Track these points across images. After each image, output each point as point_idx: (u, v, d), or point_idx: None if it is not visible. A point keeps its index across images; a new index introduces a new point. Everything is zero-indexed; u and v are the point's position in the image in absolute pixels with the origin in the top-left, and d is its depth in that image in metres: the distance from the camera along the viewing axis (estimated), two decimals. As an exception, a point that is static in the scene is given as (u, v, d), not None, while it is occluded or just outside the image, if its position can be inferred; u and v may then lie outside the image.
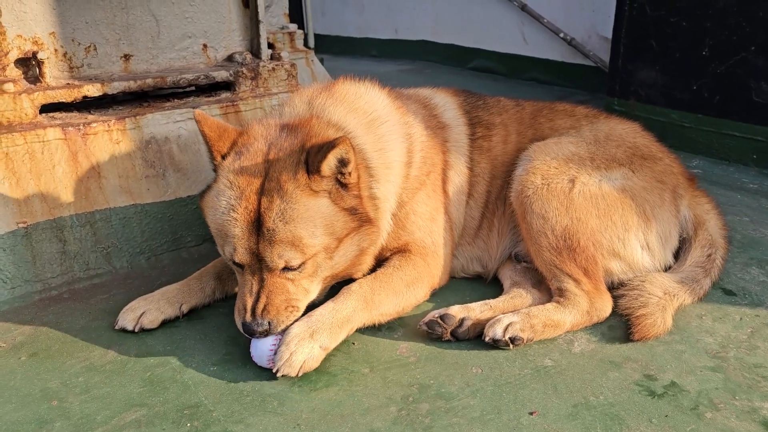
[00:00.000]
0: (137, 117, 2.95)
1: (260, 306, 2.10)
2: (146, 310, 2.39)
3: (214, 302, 2.56)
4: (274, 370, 2.05)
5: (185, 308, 2.46)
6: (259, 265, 2.11)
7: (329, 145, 2.08)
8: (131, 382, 2.11)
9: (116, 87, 2.96)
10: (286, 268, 2.11)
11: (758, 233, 3.17)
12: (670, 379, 2.09)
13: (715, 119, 4.29)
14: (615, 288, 2.50)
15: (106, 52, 3.06)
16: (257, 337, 2.11)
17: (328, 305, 2.20)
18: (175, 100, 3.21)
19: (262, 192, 2.09)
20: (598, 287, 2.37)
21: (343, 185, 2.17)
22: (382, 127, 2.45)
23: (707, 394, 2.02)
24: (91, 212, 2.76)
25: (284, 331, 2.12)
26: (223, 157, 2.22)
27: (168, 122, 3.02)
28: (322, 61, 5.98)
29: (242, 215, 2.08)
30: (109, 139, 2.85)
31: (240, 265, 2.14)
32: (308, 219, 2.09)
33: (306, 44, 6.02)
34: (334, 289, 2.35)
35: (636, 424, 1.89)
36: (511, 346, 2.23)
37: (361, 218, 2.20)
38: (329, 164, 2.10)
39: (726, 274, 2.71)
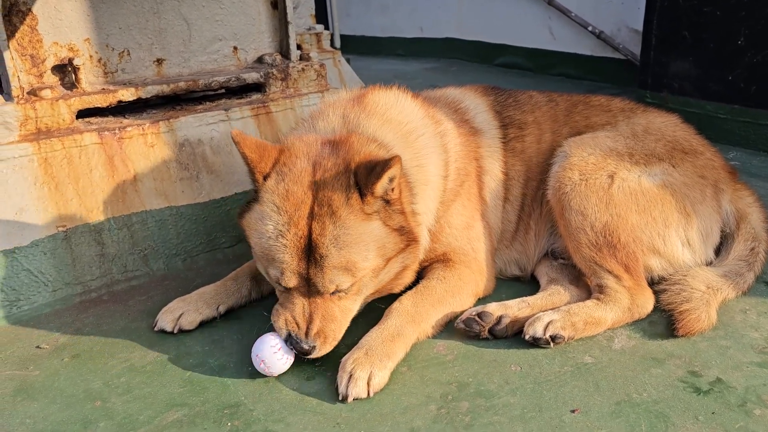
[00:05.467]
0: (171, 120, 2.98)
1: (314, 329, 2.08)
2: (184, 312, 2.41)
3: (250, 303, 2.57)
4: (340, 398, 2.02)
5: (222, 309, 2.48)
6: (307, 288, 2.10)
7: (384, 165, 2.03)
8: (172, 383, 2.13)
9: (150, 91, 3.00)
10: (336, 291, 2.10)
11: (801, 226, 3.09)
12: (715, 376, 2.04)
13: (752, 110, 4.19)
14: (655, 283, 2.45)
15: (139, 57, 3.10)
16: (297, 354, 2.13)
17: (374, 328, 2.19)
18: (207, 102, 3.24)
19: (312, 217, 2.05)
20: (639, 283, 2.33)
21: (387, 201, 2.14)
22: (419, 140, 2.41)
23: (755, 390, 1.97)
24: (128, 215, 2.80)
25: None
26: (265, 178, 2.16)
27: (201, 125, 3.05)
28: (348, 61, 5.99)
29: (292, 241, 2.04)
30: (143, 142, 2.89)
31: (287, 288, 2.13)
32: (362, 243, 2.06)
33: (332, 45, 6.03)
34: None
35: (682, 421, 1.85)
36: (551, 344, 2.20)
37: (408, 237, 2.18)
38: (383, 185, 2.06)
39: (769, 267, 2.65)
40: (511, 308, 2.32)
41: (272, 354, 2.11)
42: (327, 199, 2.06)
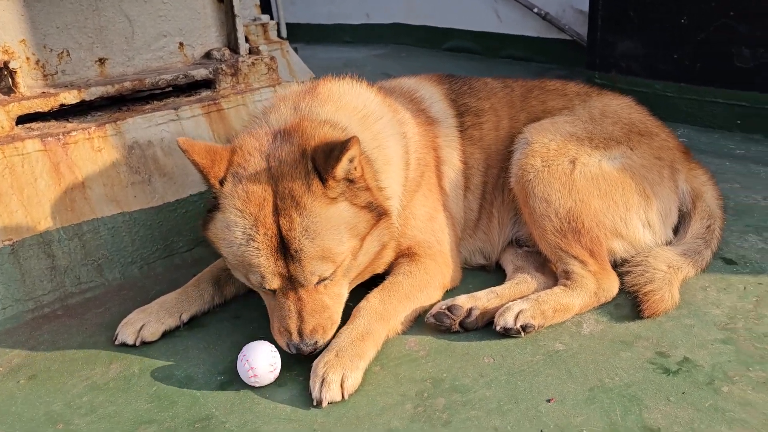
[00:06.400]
0: (118, 122, 2.85)
1: (308, 327, 2.04)
2: (146, 323, 2.32)
3: (214, 308, 2.50)
4: (314, 403, 1.97)
5: (185, 317, 2.40)
6: (291, 285, 2.05)
7: (342, 147, 1.99)
8: (137, 399, 2.05)
9: (94, 92, 2.86)
10: (320, 280, 2.07)
11: (750, 199, 3.18)
12: (682, 355, 2.09)
13: (697, 87, 4.29)
14: (618, 265, 2.48)
15: (80, 57, 2.96)
16: (302, 354, 2.07)
17: (343, 329, 2.14)
18: (155, 102, 3.12)
19: (277, 213, 2.00)
20: (604, 267, 2.36)
21: (350, 181, 2.09)
22: (377, 123, 2.38)
23: (721, 367, 2.02)
24: (78, 224, 2.67)
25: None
26: (221, 182, 2.09)
27: (150, 125, 2.93)
28: (296, 50, 5.87)
29: (263, 242, 2.00)
30: (90, 147, 2.76)
31: (271, 290, 2.08)
32: (333, 228, 2.02)
33: (279, 35, 5.90)
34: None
35: (654, 403, 1.88)
36: (522, 333, 2.20)
37: (378, 211, 2.15)
38: (343, 167, 2.02)
39: (725, 243, 2.71)
40: (481, 300, 2.31)
41: (266, 366, 2.05)
42: (288, 190, 2.01)
